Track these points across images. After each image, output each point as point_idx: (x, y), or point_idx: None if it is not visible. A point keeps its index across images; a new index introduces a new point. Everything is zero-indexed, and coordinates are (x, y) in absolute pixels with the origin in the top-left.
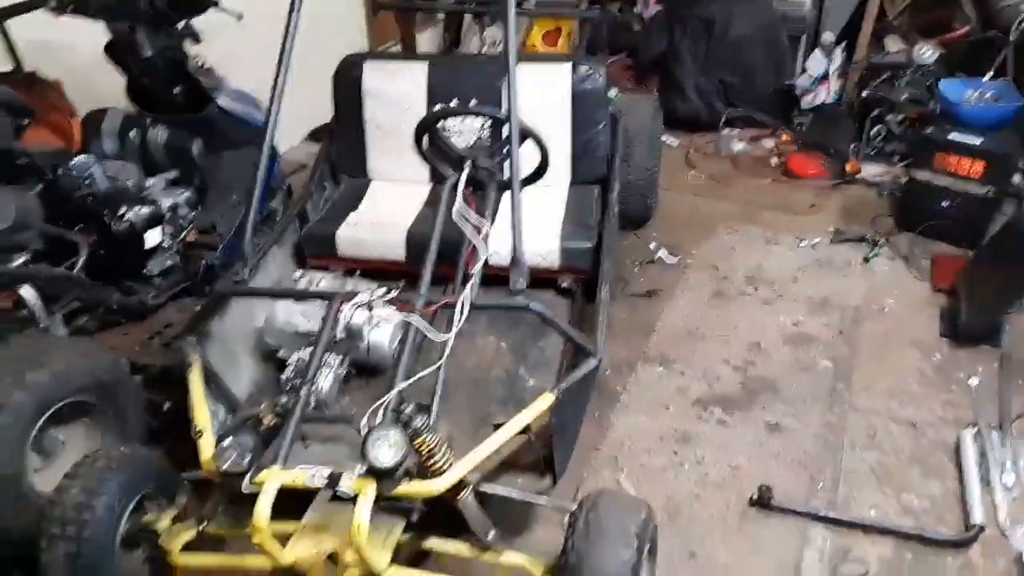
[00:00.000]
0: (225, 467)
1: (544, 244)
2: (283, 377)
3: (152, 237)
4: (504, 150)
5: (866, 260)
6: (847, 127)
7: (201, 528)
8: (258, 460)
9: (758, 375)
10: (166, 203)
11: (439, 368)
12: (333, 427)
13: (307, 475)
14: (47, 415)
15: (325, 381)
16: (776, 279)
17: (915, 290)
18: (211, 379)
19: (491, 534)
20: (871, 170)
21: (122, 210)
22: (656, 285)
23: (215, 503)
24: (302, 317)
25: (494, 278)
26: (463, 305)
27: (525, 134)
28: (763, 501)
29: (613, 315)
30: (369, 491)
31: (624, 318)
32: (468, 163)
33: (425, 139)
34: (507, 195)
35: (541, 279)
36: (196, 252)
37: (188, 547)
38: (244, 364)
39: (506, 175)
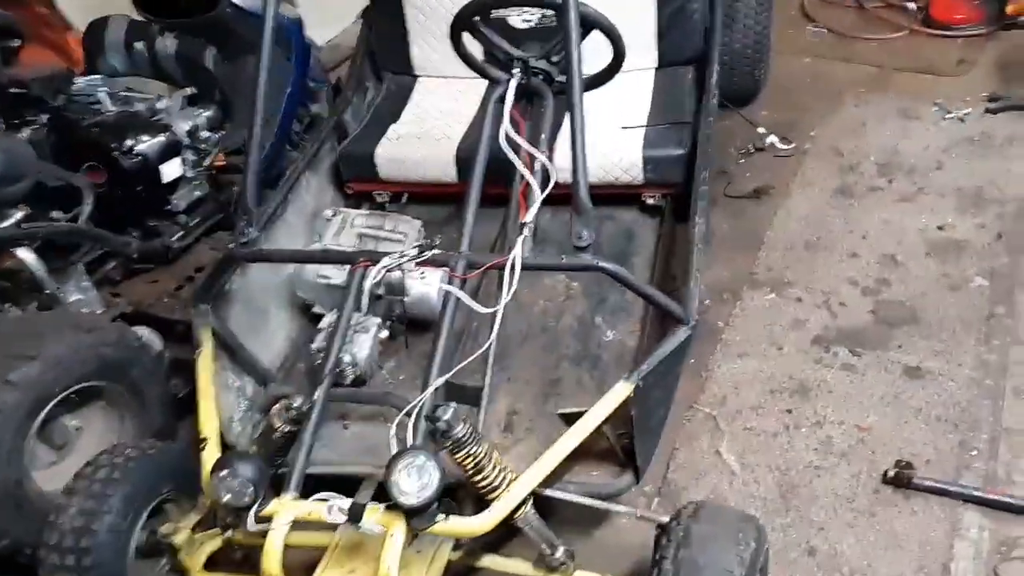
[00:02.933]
0: (225, 500)
1: (623, 154)
2: (313, 346)
3: (170, 169)
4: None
5: None
6: None
7: (227, 536)
8: (264, 489)
9: (894, 299)
10: (183, 127)
11: (488, 347)
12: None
13: (323, 509)
14: (47, 409)
15: (361, 349)
16: (916, 166)
17: None
18: (235, 350)
19: (559, 552)
20: None
21: (132, 141)
22: (765, 181)
23: None
24: (335, 267)
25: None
26: (513, 266)
27: (588, 23)
28: (901, 479)
29: (711, 227)
30: (397, 531)
31: (725, 228)
32: (518, 67)
33: (466, 35)
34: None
35: (621, 195)
36: (227, 177)
37: (212, 561)
38: (276, 321)
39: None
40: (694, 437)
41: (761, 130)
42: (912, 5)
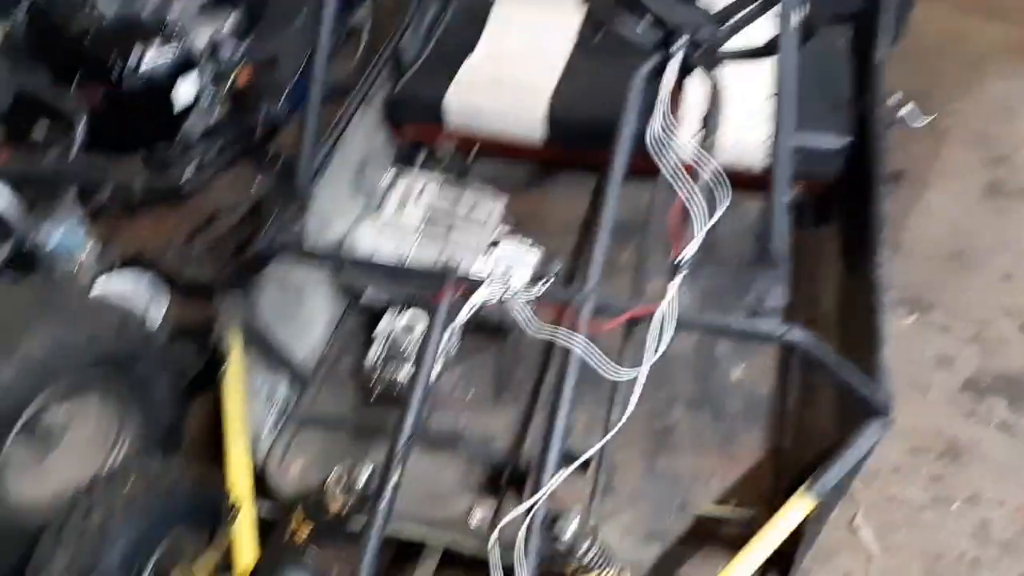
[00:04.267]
0: None
1: (759, 140)
2: (368, 360)
3: (184, 92)
4: (742, 11)
5: None
6: None
7: None
8: None
9: None
10: (201, 37)
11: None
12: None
13: None
14: (23, 420)
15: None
16: None
17: None
18: (265, 346)
19: None
20: None
21: (135, 55)
22: (898, 164)
23: None
24: (392, 243)
25: None
26: (665, 320)
27: None
28: None
29: None
30: None
31: None
32: (682, 41)
33: None
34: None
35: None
36: (252, 98)
37: None
38: (311, 307)
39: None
40: None
41: (893, 99)
42: None
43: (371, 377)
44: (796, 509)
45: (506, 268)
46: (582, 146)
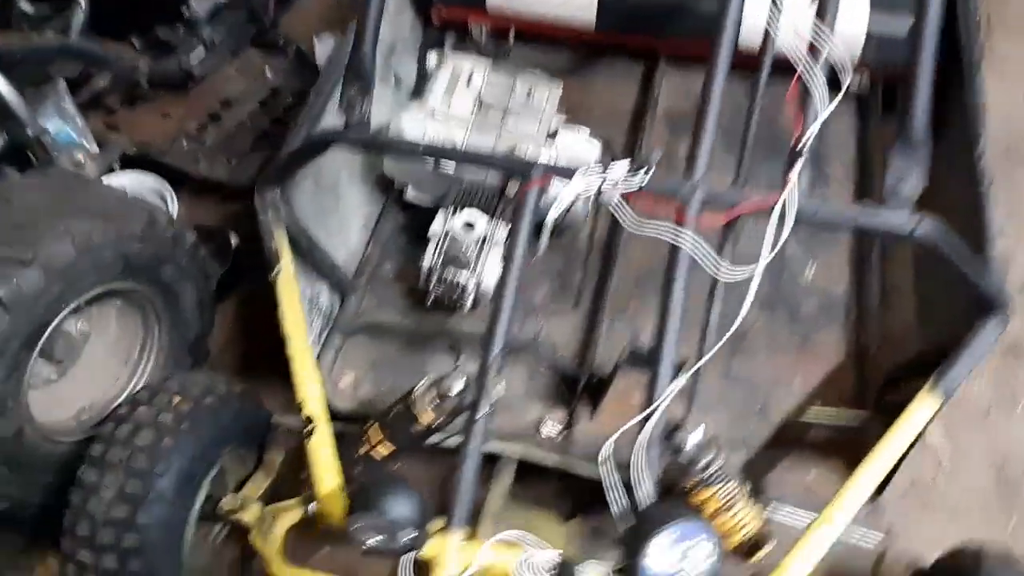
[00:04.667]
0: (369, 544)
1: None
2: (424, 264)
3: None
4: None
5: None
6: None
7: (309, 510)
8: (420, 518)
9: None
10: None
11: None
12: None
13: (514, 564)
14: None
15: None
16: None
17: None
18: (305, 249)
19: None
20: None
21: None
22: None
23: None
24: (443, 132)
25: None
26: (786, 211)
27: None
28: None
29: None
30: None
31: None
32: None
33: None
34: None
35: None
36: None
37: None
38: (348, 204)
39: None
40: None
41: None
42: None
43: (425, 281)
44: (922, 408)
45: (569, 160)
46: (635, 31)
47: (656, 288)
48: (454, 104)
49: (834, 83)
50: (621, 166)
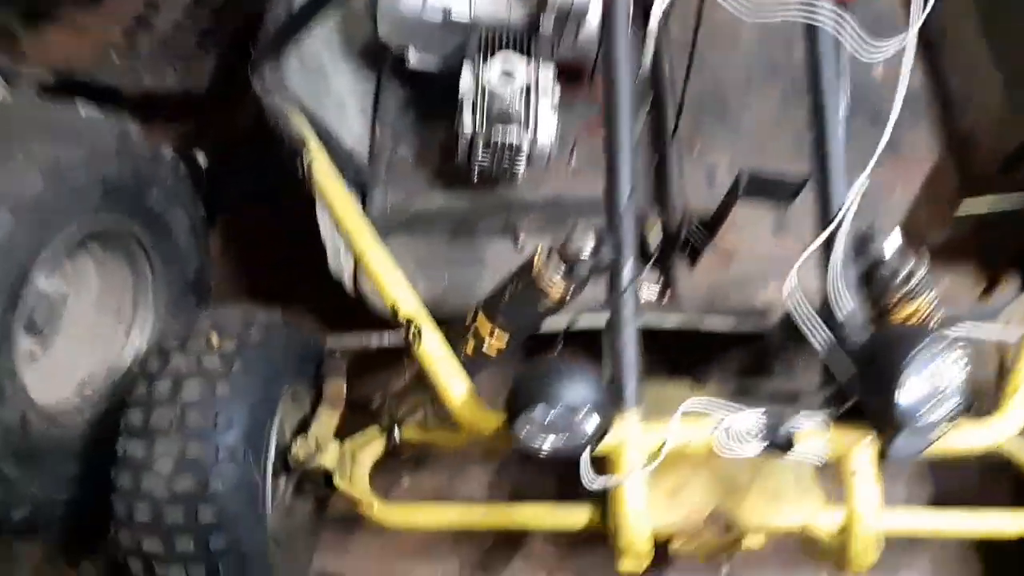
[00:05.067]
0: (548, 448)
1: None
2: (465, 130)
3: None
4: None
5: None
6: None
7: (395, 439)
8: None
9: None
10: None
11: None
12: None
13: (715, 434)
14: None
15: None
16: None
17: None
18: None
19: None
20: None
21: None
22: None
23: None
24: None
25: None
26: None
27: None
28: None
29: None
30: (862, 456)
31: None
32: None
33: None
34: None
35: None
36: None
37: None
38: (338, 85)
39: None
40: None
41: None
42: None
43: (467, 152)
44: None
45: None
46: None
47: (720, 116)
48: None
49: None
50: None
